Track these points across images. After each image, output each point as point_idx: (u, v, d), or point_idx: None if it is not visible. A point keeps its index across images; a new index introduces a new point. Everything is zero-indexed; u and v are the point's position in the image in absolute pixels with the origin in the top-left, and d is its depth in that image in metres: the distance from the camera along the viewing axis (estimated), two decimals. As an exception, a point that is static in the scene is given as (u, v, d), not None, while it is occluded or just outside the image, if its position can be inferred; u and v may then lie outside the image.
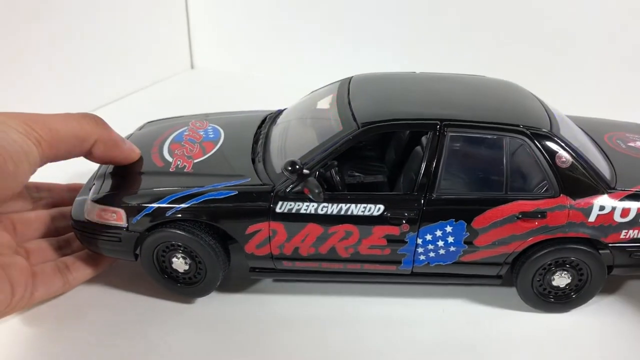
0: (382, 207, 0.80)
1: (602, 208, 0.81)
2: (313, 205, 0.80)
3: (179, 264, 0.84)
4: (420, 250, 0.83)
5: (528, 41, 1.46)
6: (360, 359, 0.79)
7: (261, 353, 0.80)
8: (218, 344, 0.81)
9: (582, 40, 1.41)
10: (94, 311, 0.85)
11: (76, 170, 1.02)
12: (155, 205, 0.81)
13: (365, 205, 0.81)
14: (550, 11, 1.41)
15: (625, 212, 0.81)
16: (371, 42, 1.62)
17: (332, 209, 0.81)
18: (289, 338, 0.82)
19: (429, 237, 0.82)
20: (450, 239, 0.82)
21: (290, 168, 0.79)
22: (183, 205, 0.80)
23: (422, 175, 0.81)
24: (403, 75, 0.97)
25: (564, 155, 0.81)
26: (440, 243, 0.82)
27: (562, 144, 0.81)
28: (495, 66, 1.44)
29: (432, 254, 0.83)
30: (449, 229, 0.81)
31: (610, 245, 0.82)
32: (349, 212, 0.81)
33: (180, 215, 0.80)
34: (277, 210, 0.80)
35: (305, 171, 0.79)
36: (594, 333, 0.84)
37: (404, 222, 0.81)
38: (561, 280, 0.85)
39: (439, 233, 0.81)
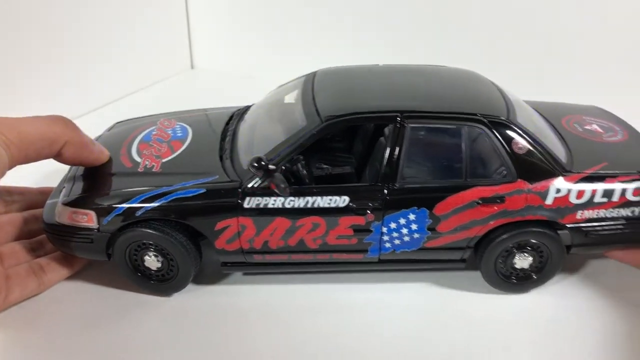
0: (347, 198, 0.83)
1: (558, 191, 0.84)
2: (280, 200, 0.82)
3: (151, 262, 0.85)
4: (385, 238, 0.85)
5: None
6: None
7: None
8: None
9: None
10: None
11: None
12: (125, 205, 0.82)
13: (331, 197, 0.83)
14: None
15: (580, 193, 0.84)
16: (372, 42, 1.62)
17: (299, 202, 0.83)
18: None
19: (393, 225, 0.84)
20: (414, 226, 0.84)
21: (256, 164, 0.80)
22: (153, 205, 0.82)
23: (385, 166, 0.83)
24: (366, 68, 0.98)
25: (520, 141, 0.84)
26: (405, 230, 0.85)
27: (519, 131, 0.84)
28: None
29: (397, 242, 0.86)
30: (412, 216, 0.84)
31: (567, 226, 0.85)
32: (316, 205, 0.83)
33: (150, 215, 0.82)
34: (245, 205, 0.82)
35: (271, 167, 0.81)
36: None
37: (368, 212, 0.83)
38: (522, 262, 0.88)
39: (402, 221, 0.84)
